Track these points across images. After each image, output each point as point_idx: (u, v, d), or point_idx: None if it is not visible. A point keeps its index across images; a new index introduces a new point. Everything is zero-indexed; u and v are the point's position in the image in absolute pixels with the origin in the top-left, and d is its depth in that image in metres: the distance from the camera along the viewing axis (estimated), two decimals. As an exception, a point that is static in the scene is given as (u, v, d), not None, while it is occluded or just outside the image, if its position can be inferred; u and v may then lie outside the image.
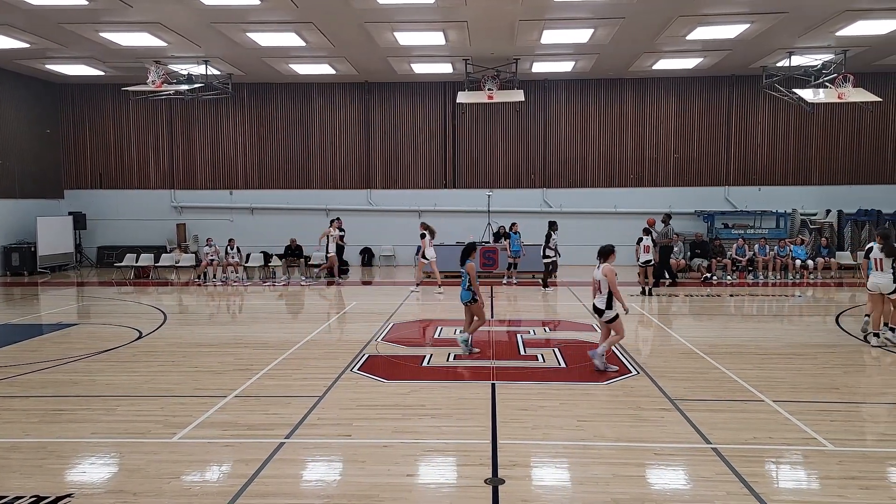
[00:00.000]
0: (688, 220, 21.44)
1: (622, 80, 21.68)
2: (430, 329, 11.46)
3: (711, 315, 13.18)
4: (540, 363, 9.01)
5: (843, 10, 14.34)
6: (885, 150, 21.42)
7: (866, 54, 18.04)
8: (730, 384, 7.87)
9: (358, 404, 7.17)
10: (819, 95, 17.82)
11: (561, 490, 5.12)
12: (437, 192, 22.38)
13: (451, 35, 16.31)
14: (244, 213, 22.60)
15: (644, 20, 15.12)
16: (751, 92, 21.10)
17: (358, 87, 22.36)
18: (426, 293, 16.15)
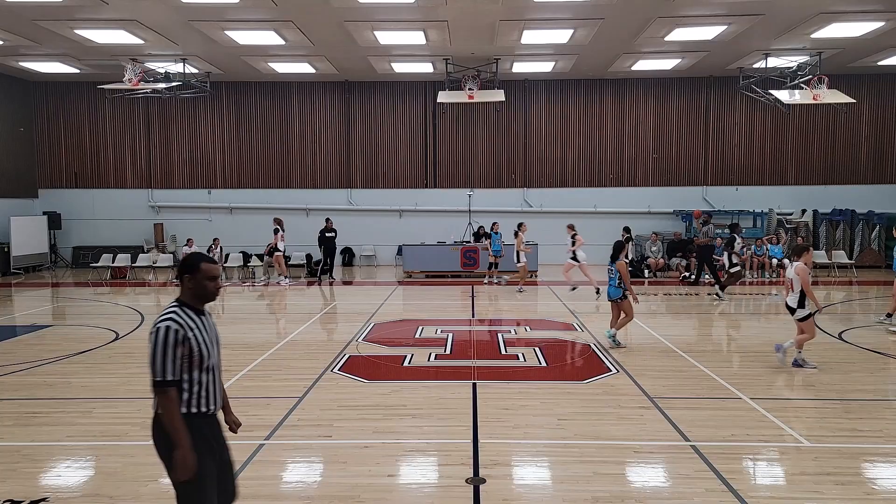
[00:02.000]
0: (666, 219, 21.66)
1: (602, 80, 21.83)
2: (412, 329, 11.44)
3: (690, 314, 13.32)
4: (521, 362, 9.03)
5: (817, 13, 14.57)
6: (858, 150, 21.81)
7: (840, 56, 18.35)
8: (708, 382, 7.96)
9: (339, 405, 7.13)
10: (795, 97, 18.09)
11: (542, 489, 5.14)
12: (417, 191, 22.36)
13: (431, 35, 16.30)
14: (223, 212, 22.39)
15: (623, 21, 15.23)
16: (728, 93, 21.36)
17: (338, 86, 22.26)
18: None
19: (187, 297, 3.50)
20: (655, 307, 14.16)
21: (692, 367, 8.65)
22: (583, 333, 10.86)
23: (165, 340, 3.28)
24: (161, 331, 3.30)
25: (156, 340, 3.28)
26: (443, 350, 9.75)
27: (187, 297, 3.49)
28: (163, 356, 3.27)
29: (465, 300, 15.10)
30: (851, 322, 12.09)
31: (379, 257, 22.46)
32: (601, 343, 10.07)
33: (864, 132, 21.74)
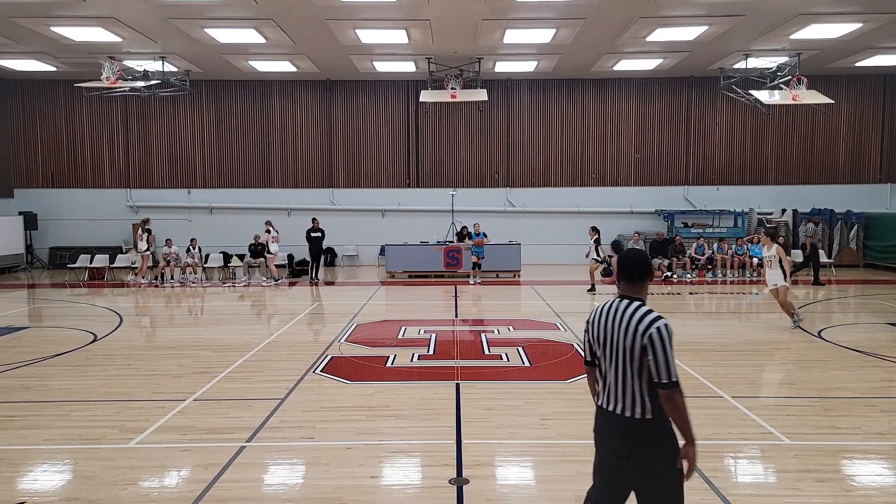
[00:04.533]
0: (648, 219, 21.81)
1: (584, 80, 21.91)
2: (394, 329, 11.39)
3: (672, 313, 13.40)
4: (504, 362, 9.02)
5: (796, 14, 14.74)
6: (836, 151, 22.12)
7: (818, 57, 18.59)
8: (690, 381, 8.00)
9: (321, 406, 7.08)
10: (774, 97, 18.29)
11: (525, 489, 5.13)
12: (400, 191, 22.30)
13: (413, 33, 16.26)
14: (203, 212, 22.17)
15: (605, 21, 15.30)
16: (709, 93, 21.54)
17: (320, 84, 22.13)
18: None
19: (645, 296, 3.44)
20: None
21: (674, 366, 8.68)
22: (566, 333, 10.88)
23: (671, 338, 3.22)
24: (667, 328, 3.22)
25: (666, 340, 3.19)
26: (426, 350, 9.71)
27: (645, 297, 3.44)
28: (672, 355, 3.19)
29: (449, 300, 15.08)
30: (831, 321, 12.25)
31: (361, 257, 22.38)
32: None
33: (842, 132, 22.05)
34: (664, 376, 3.16)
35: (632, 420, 3.24)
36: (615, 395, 3.32)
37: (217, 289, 17.31)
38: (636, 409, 3.24)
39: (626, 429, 3.26)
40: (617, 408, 3.30)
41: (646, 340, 3.19)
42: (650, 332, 3.19)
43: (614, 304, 3.40)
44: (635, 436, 3.24)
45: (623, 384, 3.28)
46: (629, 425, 3.25)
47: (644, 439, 3.23)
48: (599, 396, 3.48)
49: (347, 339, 10.52)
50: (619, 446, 3.28)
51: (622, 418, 3.27)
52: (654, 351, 3.17)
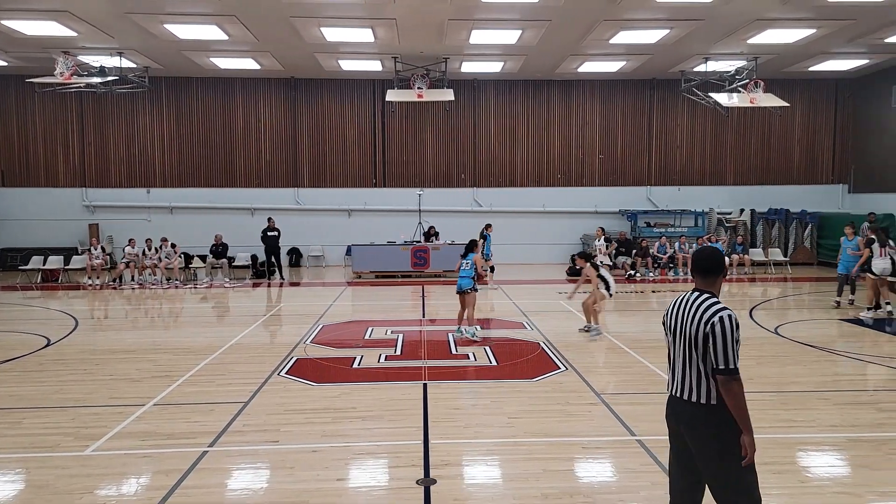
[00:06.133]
0: (613, 219, 22.08)
1: (550, 81, 22.09)
2: (361, 330, 11.31)
3: (635, 311, 13.60)
4: (471, 362, 9.04)
5: (754, 19, 15.10)
6: (791, 152, 22.73)
7: (775, 61, 19.07)
8: (652, 377, 8.13)
9: (286, 409, 6.98)
10: (733, 100, 18.71)
11: (492, 487, 5.13)
12: (366, 190, 22.17)
13: (379, 32, 16.17)
14: (163, 212, 21.69)
15: (570, 23, 15.44)
16: (671, 95, 21.92)
17: (284, 83, 21.86)
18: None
19: (718, 290, 3.63)
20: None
21: (637, 363, 8.82)
22: (532, 332, 10.95)
23: (734, 328, 3.36)
24: (731, 318, 3.38)
25: (727, 328, 3.35)
26: (393, 351, 9.67)
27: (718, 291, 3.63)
28: (733, 344, 3.35)
29: (416, 300, 15.05)
30: (786, 317, 12.59)
31: (327, 258, 22.17)
32: (551, 341, 10.18)
33: (797, 135, 22.67)
34: (721, 362, 3.35)
35: (698, 405, 3.45)
36: (682, 381, 3.55)
37: (178, 291, 16.94)
38: (702, 396, 3.44)
39: (692, 413, 3.47)
40: (684, 394, 3.52)
41: (708, 328, 3.39)
42: (713, 321, 3.39)
43: (687, 297, 3.62)
44: (702, 420, 3.44)
45: (690, 370, 3.50)
46: (697, 410, 3.45)
47: (710, 423, 3.41)
48: (669, 385, 3.69)
49: (313, 341, 10.40)
50: (687, 430, 3.49)
51: (688, 403, 3.49)
52: (715, 338, 3.37)
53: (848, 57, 19.10)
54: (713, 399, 3.41)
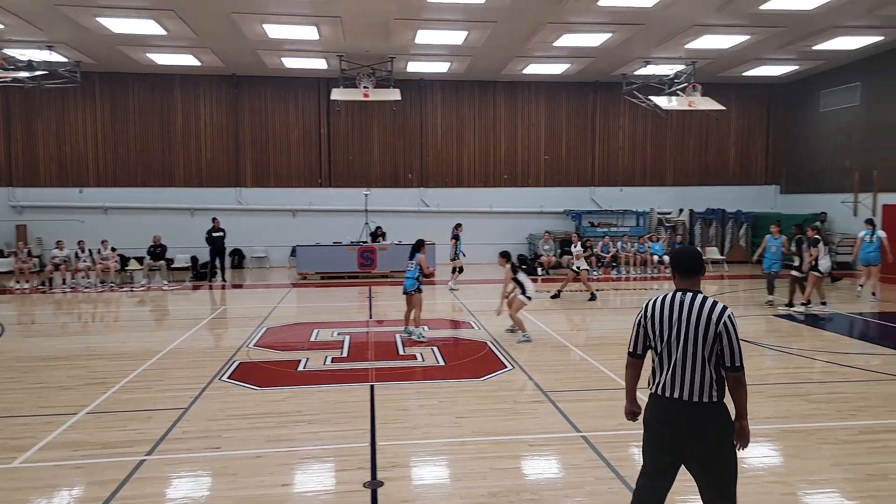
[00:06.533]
0: (558, 219, 22.43)
1: (496, 82, 22.27)
2: (306, 332, 11.13)
3: (579, 309, 13.83)
4: (419, 362, 9.01)
5: (691, 25, 15.59)
6: (727, 154, 23.57)
7: (712, 66, 19.74)
8: (596, 374, 8.28)
9: (228, 414, 6.79)
10: (672, 103, 19.28)
11: (440, 488, 5.12)
12: (311, 190, 21.86)
13: (324, 30, 15.96)
14: (97, 212, 20.85)
15: (515, 25, 15.59)
16: (613, 98, 22.39)
17: (225, 80, 21.34)
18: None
19: (700, 287, 3.65)
20: (548, 304, 14.59)
21: (582, 361, 8.97)
22: (480, 331, 10.99)
23: (737, 325, 3.46)
24: (733, 316, 3.47)
25: (735, 327, 3.45)
26: (339, 353, 9.55)
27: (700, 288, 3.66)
28: (740, 341, 3.45)
29: (363, 301, 14.92)
30: (723, 313, 12.99)
31: (271, 259, 21.76)
32: (497, 340, 10.25)
33: (733, 137, 23.53)
34: (737, 360, 3.44)
35: (701, 404, 3.45)
36: (683, 382, 3.48)
37: (113, 294, 16.31)
38: (705, 394, 3.45)
39: (698, 413, 3.45)
40: (684, 394, 3.47)
41: (720, 328, 3.43)
42: (724, 320, 3.43)
43: (678, 297, 3.57)
44: (706, 418, 3.45)
45: (693, 371, 3.46)
46: (700, 410, 3.45)
47: (717, 420, 3.47)
48: (658, 386, 3.59)
49: (256, 344, 10.18)
50: (689, 430, 3.45)
51: (692, 404, 3.45)
52: (729, 337, 3.43)
53: (779, 63, 19.94)
54: (715, 397, 3.47)
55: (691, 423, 3.45)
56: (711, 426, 3.46)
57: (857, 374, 8.24)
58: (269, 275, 20.07)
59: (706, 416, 3.45)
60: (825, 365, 8.73)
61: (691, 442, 3.46)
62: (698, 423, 3.45)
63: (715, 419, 3.47)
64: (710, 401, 3.46)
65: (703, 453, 3.47)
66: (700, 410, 3.45)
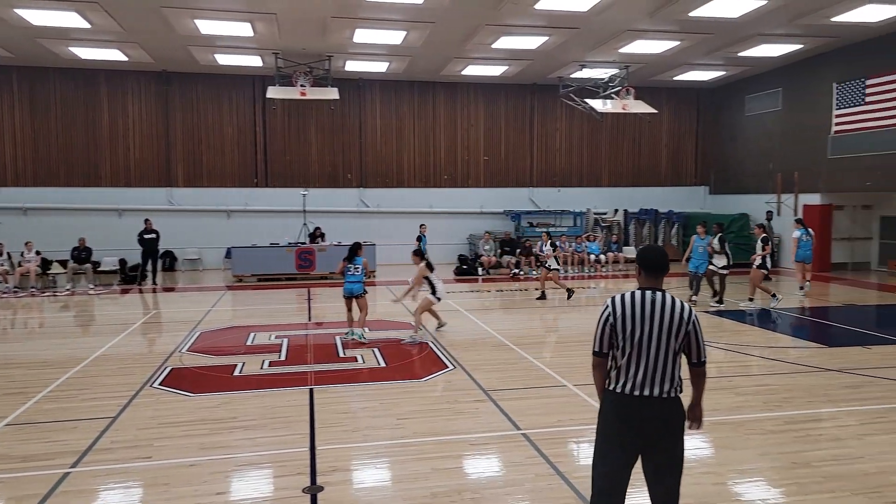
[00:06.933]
0: (497, 219, 22.64)
1: (435, 83, 22.29)
2: (242, 336, 10.84)
3: (519, 308, 14.00)
4: (360, 364, 8.91)
5: (624, 30, 16.02)
6: (659, 156, 24.35)
7: (644, 70, 20.35)
8: (536, 372, 8.38)
9: (159, 422, 6.53)
10: (607, 106, 19.79)
11: (381, 490, 5.07)
12: (247, 190, 21.34)
13: (259, 27, 15.60)
14: (15, 213, 19.73)
15: (453, 26, 15.65)
16: (550, 100, 22.77)
17: (154, 76, 20.58)
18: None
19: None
20: (489, 303, 14.71)
21: (522, 359, 9.07)
22: (421, 332, 10.96)
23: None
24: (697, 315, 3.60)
25: (700, 324, 3.59)
26: (277, 356, 9.34)
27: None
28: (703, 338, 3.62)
29: (302, 303, 14.65)
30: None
31: (205, 261, 21.11)
32: (439, 341, 10.25)
33: (664, 140, 24.32)
34: (703, 356, 3.63)
35: (669, 400, 3.54)
36: (652, 379, 3.53)
37: (34, 299, 15.47)
38: (672, 390, 3.54)
39: (665, 408, 3.54)
40: (654, 391, 3.52)
41: (690, 326, 3.55)
42: (693, 319, 3.57)
43: (647, 296, 3.59)
44: (671, 413, 3.56)
45: (664, 368, 3.53)
46: (667, 405, 3.54)
47: (677, 415, 3.58)
48: (625, 384, 3.58)
49: (189, 349, 9.84)
50: (655, 426, 3.53)
51: (661, 400, 3.53)
52: (696, 335, 3.58)
53: (707, 68, 20.75)
54: (678, 391, 3.57)
55: (658, 419, 3.53)
56: (674, 420, 3.57)
57: (783, 366, 8.64)
58: (203, 277, 19.47)
59: (671, 411, 3.56)
60: (753, 359, 9.11)
61: (656, 436, 3.54)
62: (664, 418, 3.54)
63: (678, 413, 3.59)
64: (674, 396, 3.56)
65: (665, 446, 3.56)
66: (667, 405, 3.54)
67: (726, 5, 14.05)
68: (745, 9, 14.31)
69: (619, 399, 3.58)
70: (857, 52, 17.68)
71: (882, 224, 19.65)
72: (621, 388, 3.57)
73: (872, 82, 17.40)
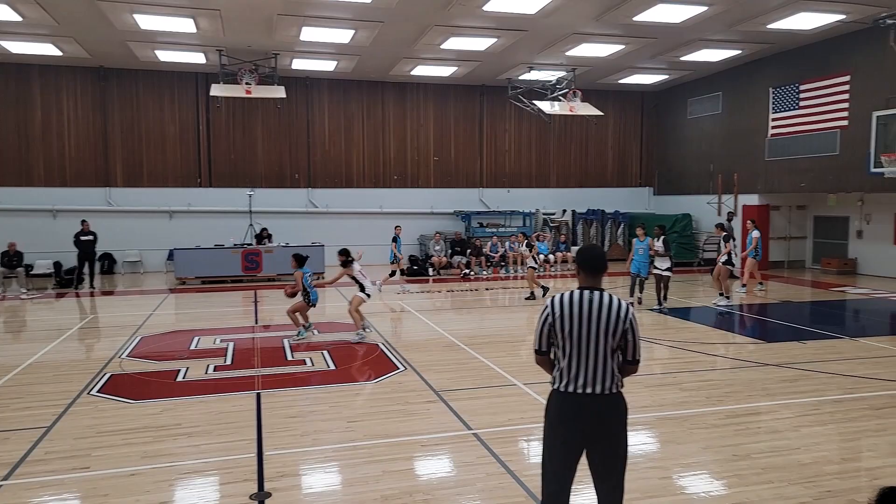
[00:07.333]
0: (448, 219, 22.67)
1: (384, 83, 22.16)
2: (186, 340, 10.53)
3: (470, 308, 14.05)
4: (308, 367, 8.77)
5: (571, 33, 16.27)
6: (606, 157, 24.84)
7: (591, 73, 20.72)
8: (487, 372, 8.42)
9: (98, 431, 6.28)
10: (554, 108, 20.06)
11: (331, 495, 4.98)
12: (191, 190, 20.76)
13: (202, 23, 15.19)
14: (-57, 215, 18.71)
15: (402, 26, 15.59)
16: (499, 101, 22.93)
17: (91, 72, 19.82)
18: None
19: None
20: (440, 303, 14.71)
21: (473, 359, 9.09)
22: (371, 333, 10.87)
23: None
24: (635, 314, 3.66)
25: (637, 323, 3.64)
26: (223, 361, 9.11)
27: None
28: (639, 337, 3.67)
29: (248, 306, 14.34)
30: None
31: (146, 263, 20.44)
32: (389, 342, 10.18)
33: (610, 142, 24.82)
34: (637, 354, 3.66)
35: (611, 396, 3.60)
36: (594, 377, 3.58)
37: (-38, 305, 14.68)
38: (613, 386, 3.60)
39: (607, 404, 3.60)
40: (596, 388, 3.57)
41: (627, 325, 3.59)
42: (630, 317, 3.61)
43: (585, 295, 3.63)
44: (613, 408, 3.62)
45: (604, 366, 3.58)
46: (609, 400, 3.60)
47: (621, 409, 3.65)
48: (568, 383, 3.61)
49: (130, 354, 9.50)
50: (599, 422, 3.59)
51: (603, 396, 3.59)
52: (633, 333, 3.62)
53: (651, 72, 21.28)
54: (617, 388, 3.63)
55: (601, 414, 3.59)
56: (616, 415, 3.63)
57: (724, 362, 8.91)
58: (144, 280, 18.84)
59: (613, 407, 3.62)
60: (696, 355, 9.37)
61: (600, 432, 3.60)
62: (606, 413, 3.60)
63: (620, 408, 3.65)
64: (616, 391, 3.63)
65: (608, 441, 3.62)
66: (609, 402, 3.60)
67: (669, 11, 14.44)
68: (686, 14, 14.73)
69: (563, 398, 3.64)
70: (792, 58, 18.44)
71: (815, 223, 20.55)
72: (564, 387, 3.63)
73: (806, 87, 18.17)
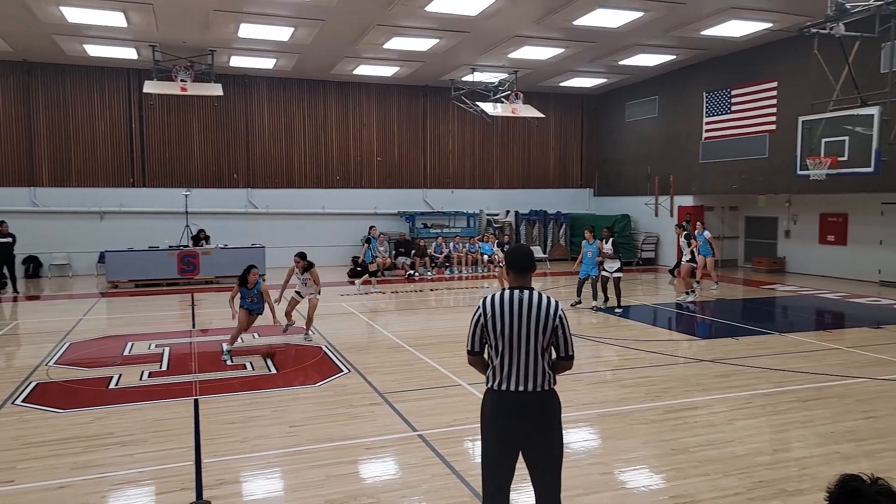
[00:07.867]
0: (392, 220, 22.55)
1: (326, 81, 21.88)
2: (118, 346, 10.11)
3: (415, 309, 14.01)
4: (249, 371, 8.56)
5: (512, 35, 16.44)
6: (547, 159, 25.22)
7: (532, 76, 21.00)
8: (432, 373, 8.40)
9: (23, 442, 5.95)
10: (497, 109, 20.25)
11: (272, 501, 4.87)
12: (123, 190, 19.98)
13: (133, 17, 14.63)
14: None
15: (343, 25, 15.41)
16: (442, 102, 22.97)
17: (13, 66, 18.82)
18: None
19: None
20: (384, 305, 14.62)
21: (418, 361, 9.06)
22: (314, 335, 10.70)
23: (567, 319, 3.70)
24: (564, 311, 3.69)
25: (567, 320, 3.67)
26: (158, 367, 8.79)
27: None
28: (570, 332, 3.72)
29: (185, 310, 13.90)
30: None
31: (74, 266, 19.53)
32: (332, 344, 10.04)
33: (552, 144, 25.22)
34: (570, 350, 3.70)
35: (543, 393, 3.62)
36: (525, 375, 3.60)
37: None
38: (545, 383, 3.62)
39: (538, 401, 3.61)
40: (528, 386, 3.59)
41: (557, 322, 3.62)
42: (559, 315, 3.64)
43: (515, 295, 3.65)
44: (546, 405, 3.64)
45: (535, 363, 3.59)
46: (541, 398, 3.61)
47: (553, 407, 3.67)
48: (501, 382, 3.64)
49: (58, 362, 9.05)
50: (531, 419, 3.59)
51: (535, 394, 3.60)
52: (564, 330, 3.65)
53: (591, 75, 21.74)
54: (550, 385, 3.65)
55: (533, 412, 3.61)
56: (549, 412, 3.65)
57: (662, 358, 9.17)
58: (73, 284, 18.00)
59: (546, 403, 3.64)
60: (635, 352, 9.60)
61: (533, 429, 3.61)
62: (538, 411, 3.62)
63: (552, 405, 3.67)
64: (549, 389, 3.65)
65: (542, 439, 3.63)
66: (541, 398, 3.62)
67: (607, 16, 14.77)
68: (623, 20, 15.11)
69: (497, 396, 3.67)
70: (724, 64, 19.17)
71: (746, 224, 21.42)
72: (497, 385, 3.67)
73: (737, 92, 18.92)
